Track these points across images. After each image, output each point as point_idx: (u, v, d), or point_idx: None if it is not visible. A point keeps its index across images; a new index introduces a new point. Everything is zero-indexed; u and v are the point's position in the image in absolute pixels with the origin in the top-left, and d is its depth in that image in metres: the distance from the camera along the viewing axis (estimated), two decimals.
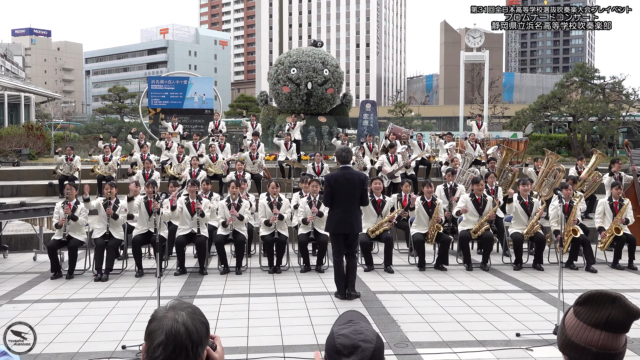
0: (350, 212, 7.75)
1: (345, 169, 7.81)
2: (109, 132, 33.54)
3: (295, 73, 24.74)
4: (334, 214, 7.84)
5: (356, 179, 7.74)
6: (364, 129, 23.42)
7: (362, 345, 1.68)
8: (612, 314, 1.71)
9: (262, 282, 9.01)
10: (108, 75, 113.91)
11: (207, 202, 9.98)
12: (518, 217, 10.11)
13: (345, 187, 7.68)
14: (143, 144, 16.82)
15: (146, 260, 10.57)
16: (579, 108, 25.08)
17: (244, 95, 53.61)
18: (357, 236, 8.00)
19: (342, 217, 7.74)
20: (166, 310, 1.75)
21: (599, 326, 1.72)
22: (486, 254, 9.98)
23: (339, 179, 7.73)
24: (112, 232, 9.56)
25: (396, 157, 14.77)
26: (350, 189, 7.70)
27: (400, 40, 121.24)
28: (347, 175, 7.73)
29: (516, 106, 44.94)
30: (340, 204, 7.73)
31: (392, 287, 8.54)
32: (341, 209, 7.73)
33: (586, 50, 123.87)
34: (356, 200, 7.79)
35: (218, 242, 9.60)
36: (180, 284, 8.84)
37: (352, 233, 7.84)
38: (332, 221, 7.85)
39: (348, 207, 7.73)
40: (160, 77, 30.52)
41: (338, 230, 7.81)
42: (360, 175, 7.90)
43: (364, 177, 7.92)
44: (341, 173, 7.79)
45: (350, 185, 7.69)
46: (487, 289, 8.50)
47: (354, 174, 7.83)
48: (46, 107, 51.44)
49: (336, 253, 7.87)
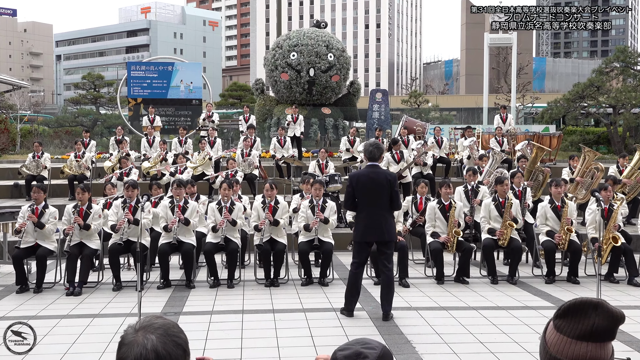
0: (379, 216, 7.64)
1: (371, 167, 7.79)
2: (83, 125, 33.60)
3: (295, 58, 24.76)
4: (358, 219, 7.80)
5: (383, 178, 7.67)
6: (374, 121, 23.43)
7: (364, 352, 1.69)
8: (597, 323, 1.74)
9: (258, 296, 9.01)
10: (82, 61, 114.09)
11: (195, 206, 9.99)
12: (550, 223, 10.09)
13: (369, 187, 7.63)
14: (121, 139, 16.86)
15: (125, 271, 10.58)
16: (620, 98, 25.01)
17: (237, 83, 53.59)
18: (391, 245, 7.83)
19: (370, 222, 7.65)
20: (135, 332, 1.72)
21: (584, 337, 1.75)
22: (514, 265, 9.97)
23: (362, 178, 7.70)
24: (86, 241, 9.57)
25: (402, 154, 14.74)
26: (376, 190, 7.63)
27: (415, 20, 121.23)
28: (372, 175, 7.69)
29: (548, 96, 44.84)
30: (364, 207, 7.69)
31: (406, 303, 8.54)
32: (366, 213, 7.67)
33: (628, 32, 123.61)
34: (384, 202, 7.69)
35: (207, 250, 9.61)
36: (164, 299, 8.84)
37: (384, 241, 7.71)
38: (359, 227, 7.77)
39: (375, 211, 7.65)
40: (141, 62, 30.57)
41: (366, 237, 7.72)
42: (389, 174, 7.87)
43: (392, 176, 7.87)
44: (366, 172, 7.77)
45: (376, 185, 7.63)
46: (515, 305, 8.49)
47: (380, 173, 7.79)
48: (11, 96, 51.53)
49: (355, 264, 7.78)
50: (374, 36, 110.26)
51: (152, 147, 17.01)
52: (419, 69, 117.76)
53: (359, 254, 7.78)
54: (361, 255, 7.79)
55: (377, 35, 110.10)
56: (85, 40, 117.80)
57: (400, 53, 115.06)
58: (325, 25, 27.37)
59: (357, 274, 7.76)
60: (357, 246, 7.81)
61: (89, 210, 9.63)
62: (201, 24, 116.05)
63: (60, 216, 10.03)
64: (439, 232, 10.08)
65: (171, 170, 14.52)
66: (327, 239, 9.83)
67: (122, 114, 26.59)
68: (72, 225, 9.45)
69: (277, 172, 16.92)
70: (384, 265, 7.74)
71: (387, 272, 7.72)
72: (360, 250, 7.79)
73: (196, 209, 9.96)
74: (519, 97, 37.95)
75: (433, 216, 10.19)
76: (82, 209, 9.56)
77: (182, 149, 16.75)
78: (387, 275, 7.72)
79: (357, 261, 7.77)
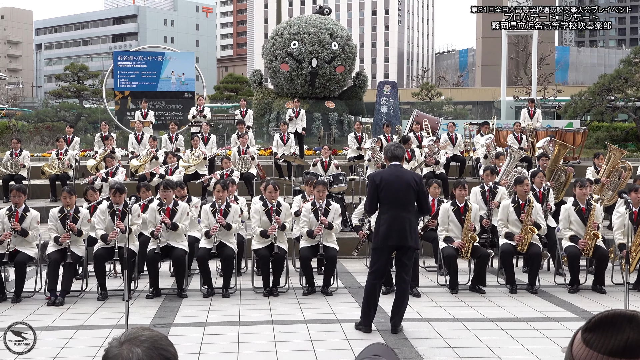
0: (403, 219, 7.50)
1: (394, 166, 7.73)
2: (65, 120, 33.63)
3: (296, 47, 24.78)
4: (380, 223, 7.61)
5: (410, 178, 7.61)
6: (382, 116, 23.45)
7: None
8: (631, 337, 1.72)
9: (256, 307, 9.02)
10: (64, 50, 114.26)
11: (185, 208, 9.99)
12: (574, 228, 10.08)
13: (395, 187, 7.52)
14: (107, 135, 16.88)
15: (111, 279, 10.59)
16: None
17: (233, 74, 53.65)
18: (413, 253, 7.73)
19: (392, 224, 7.48)
20: (120, 344, 1.72)
21: (616, 354, 1.73)
22: (534, 272, 9.96)
23: (387, 177, 7.60)
24: (70, 246, 9.56)
25: (413, 153, 14.75)
26: (402, 190, 7.53)
27: (427, 6, 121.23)
28: (398, 174, 7.61)
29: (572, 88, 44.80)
30: (388, 209, 7.54)
31: (417, 314, 8.54)
32: (390, 215, 7.51)
33: None
34: (411, 205, 7.59)
35: (200, 257, 9.62)
36: (154, 309, 8.86)
37: (406, 246, 7.55)
38: (379, 230, 7.59)
39: (399, 213, 7.50)
40: (128, 52, 30.59)
41: (387, 241, 7.53)
42: (415, 175, 7.84)
43: (419, 177, 7.84)
44: (390, 171, 7.69)
45: (402, 185, 7.53)
46: (536, 316, 8.49)
47: (407, 172, 7.77)
48: None
49: (374, 273, 7.62)
50: (382, 23, 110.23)
51: (140, 144, 17.02)
52: (431, 59, 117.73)
53: (378, 262, 7.63)
54: (380, 263, 7.63)
55: (385, 23, 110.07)
56: (68, 28, 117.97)
57: (411, 42, 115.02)
58: (329, 11, 27.39)
59: (375, 285, 7.60)
60: (377, 252, 7.65)
61: (76, 214, 9.64)
62: (194, 10, 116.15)
63: (42, 219, 10.01)
64: (452, 237, 10.07)
65: (161, 172, 14.51)
66: (331, 244, 9.83)
67: (108, 108, 26.57)
68: (67, 234, 9.43)
69: (276, 172, 16.93)
70: (401, 277, 7.62)
71: (403, 285, 7.61)
72: (380, 257, 7.63)
73: (187, 212, 9.96)
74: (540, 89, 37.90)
75: (446, 219, 10.17)
76: (71, 214, 9.57)
77: (173, 146, 16.76)
78: (403, 288, 7.61)
79: (376, 270, 7.61)
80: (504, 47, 29.98)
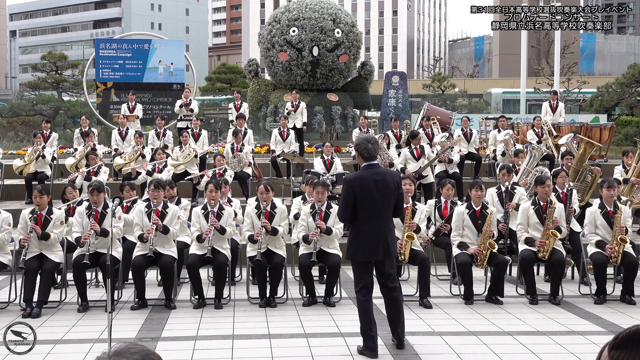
0: (383, 230, 7.36)
1: (370, 167, 7.42)
2: (43, 114, 33.66)
3: (296, 34, 24.78)
4: (359, 234, 7.41)
5: (389, 180, 7.35)
6: (389, 110, 23.45)
7: None
8: None
9: (251, 319, 9.03)
10: (41, 38, 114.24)
11: (176, 210, 9.99)
12: (600, 232, 10.07)
13: (373, 193, 7.26)
14: (88, 131, 16.88)
15: (93, 289, 10.60)
16: None
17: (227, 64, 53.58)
18: (394, 261, 7.65)
19: (373, 237, 7.32)
20: (109, 358, 1.74)
21: None
22: (556, 281, 9.96)
23: (364, 182, 7.31)
24: (47, 252, 9.58)
25: (422, 150, 14.72)
26: (381, 195, 7.29)
27: None
28: (375, 177, 7.32)
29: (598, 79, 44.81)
30: (367, 219, 7.33)
31: (428, 327, 8.54)
32: (369, 226, 7.32)
33: None
34: (389, 211, 7.45)
35: (191, 264, 9.62)
36: (140, 322, 8.87)
37: (388, 258, 7.47)
38: (357, 245, 7.41)
39: (379, 223, 7.35)
40: (112, 39, 30.62)
41: (367, 257, 7.39)
42: (394, 175, 7.61)
43: (397, 177, 7.60)
44: (367, 174, 7.38)
45: (381, 190, 7.29)
46: (558, 329, 8.49)
47: (384, 174, 7.47)
48: None
49: (363, 290, 7.43)
50: (390, 8, 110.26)
51: (125, 141, 17.02)
52: (444, 47, 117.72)
53: (363, 277, 7.45)
54: (367, 277, 7.46)
55: (393, 7, 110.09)
56: (45, 13, 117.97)
57: (422, 28, 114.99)
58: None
59: (367, 302, 7.41)
60: (360, 268, 7.47)
61: (49, 216, 9.63)
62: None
63: (15, 223, 10.01)
64: (467, 243, 10.07)
65: (148, 168, 14.52)
66: (333, 251, 9.83)
67: (89, 101, 26.63)
68: (28, 235, 9.42)
69: (273, 171, 16.92)
70: (387, 288, 7.48)
71: (395, 293, 7.46)
72: (364, 272, 7.46)
73: (177, 215, 9.97)
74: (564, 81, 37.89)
75: (461, 223, 10.15)
76: (41, 215, 9.56)
77: (160, 142, 16.76)
78: (395, 297, 7.45)
79: (364, 285, 7.43)
80: (523, 34, 29.91)
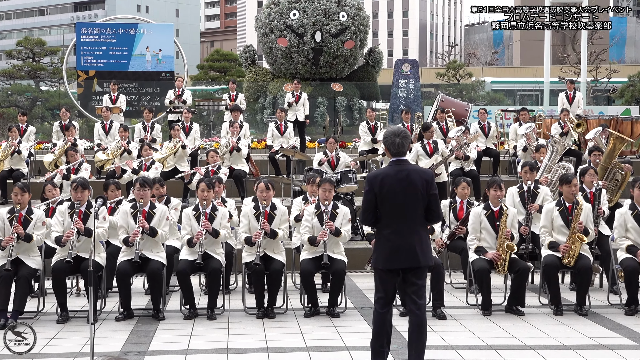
0: (411, 235, 7.18)
1: (397, 164, 7.29)
2: (18, 106, 33.68)
3: (296, 18, 24.78)
4: (381, 239, 7.34)
5: (415, 179, 7.17)
6: (400, 101, 23.42)
7: None
8: None
9: (247, 331, 9.03)
10: (16, 21, 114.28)
11: (164, 211, 9.98)
12: (632, 236, 10.05)
13: (396, 193, 7.15)
14: (68, 124, 16.88)
15: (73, 297, 10.61)
16: None
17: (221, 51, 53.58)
18: (424, 273, 7.38)
19: (398, 242, 7.17)
20: None
21: None
22: (583, 290, 9.95)
23: (385, 180, 7.21)
24: (24, 257, 9.57)
25: (435, 145, 14.69)
26: (408, 196, 7.15)
27: None
28: (401, 175, 7.20)
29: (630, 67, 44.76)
30: (389, 222, 7.23)
31: (441, 340, 8.54)
32: (394, 230, 7.20)
33: None
34: (418, 214, 7.25)
35: (181, 271, 9.62)
36: (125, 334, 8.86)
37: (418, 267, 7.24)
38: (379, 251, 7.33)
39: (406, 227, 7.19)
40: (94, 24, 30.62)
41: (391, 264, 7.22)
42: (424, 173, 7.39)
43: (429, 176, 7.39)
44: (390, 171, 7.28)
45: (408, 190, 7.14)
46: (585, 342, 8.48)
47: (412, 172, 7.29)
48: None
49: (381, 300, 7.30)
50: None
51: (108, 135, 17.03)
52: (460, 32, 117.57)
53: (383, 287, 7.31)
54: (387, 287, 7.31)
55: None
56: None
57: (435, 11, 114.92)
58: None
59: (384, 315, 7.29)
60: (381, 276, 7.34)
61: (29, 216, 9.63)
62: None
63: None
64: (485, 247, 10.06)
65: (134, 166, 14.51)
66: (338, 256, 9.83)
67: (70, 91, 26.60)
68: (11, 236, 9.41)
69: (271, 168, 16.92)
70: (413, 301, 7.27)
71: (418, 312, 7.22)
72: (385, 282, 7.32)
73: (166, 215, 9.96)
74: (592, 69, 37.85)
75: (478, 226, 10.14)
76: (21, 215, 9.56)
77: (149, 136, 16.76)
78: (418, 316, 7.22)
79: (383, 296, 7.30)
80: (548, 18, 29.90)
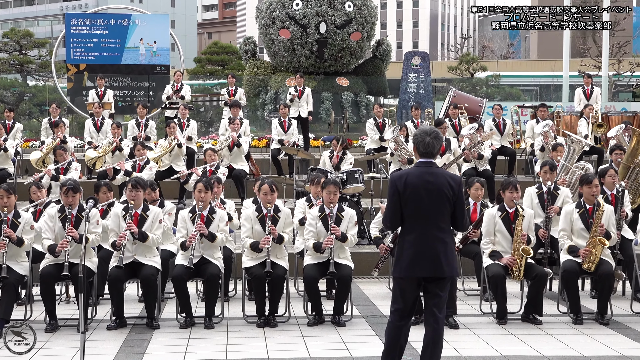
0: (435, 241, 7.09)
1: (424, 165, 7.21)
2: (4, 102, 33.73)
3: (299, 8, 24.78)
4: (403, 244, 7.20)
5: (442, 183, 7.09)
6: (409, 97, 23.42)
7: None
8: None
9: (247, 340, 9.04)
10: (2, 12, 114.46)
11: (157, 213, 9.97)
12: None
13: (421, 195, 7.06)
14: (58, 121, 16.90)
15: (63, 305, 10.62)
16: None
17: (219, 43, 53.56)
18: (447, 284, 7.26)
19: (421, 248, 7.07)
20: None
21: None
22: (605, 297, 9.94)
23: (409, 180, 7.11)
24: (10, 262, 9.53)
25: (448, 143, 14.69)
26: (430, 199, 7.07)
27: None
28: (427, 177, 7.11)
29: None
30: (412, 227, 7.14)
31: (454, 350, 8.55)
32: (417, 235, 7.10)
33: None
34: (445, 219, 7.18)
35: (177, 276, 9.62)
36: (118, 343, 8.87)
37: (440, 277, 7.14)
38: (399, 257, 7.21)
39: (431, 233, 7.11)
40: (85, 14, 30.65)
41: (415, 272, 7.10)
42: (452, 178, 7.29)
43: (457, 181, 7.31)
44: (417, 172, 7.20)
45: (434, 193, 7.06)
46: (607, 353, 8.47)
47: (438, 174, 7.19)
48: None
49: (398, 312, 7.19)
50: None
51: (100, 133, 17.03)
52: (473, 23, 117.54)
53: (403, 297, 7.19)
54: (407, 298, 7.18)
55: None
56: None
57: (447, 1, 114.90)
58: None
59: (399, 328, 7.20)
60: (401, 285, 7.23)
61: (16, 219, 9.62)
62: None
63: None
64: (500, 252, 10.05)
65: (127, 167, 14.48)
66: (344, 261, 9.83)
67: (59, 86, 26.66)
68: (2, 242, 9.41)
69: (273, 168, 16.92)
70: (432, 314, 7.18)
71: (436, 325, 7.17)
72: (405, 291, 7.18)
73: (159, 218, 9.93)
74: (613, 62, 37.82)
75: (492, 229, 10.13)
76: (9, 219, 9.55)
77: (142, 134, 16.76)
78: (436, 330, 7.17)
79: (400, 308, 7.18)
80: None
